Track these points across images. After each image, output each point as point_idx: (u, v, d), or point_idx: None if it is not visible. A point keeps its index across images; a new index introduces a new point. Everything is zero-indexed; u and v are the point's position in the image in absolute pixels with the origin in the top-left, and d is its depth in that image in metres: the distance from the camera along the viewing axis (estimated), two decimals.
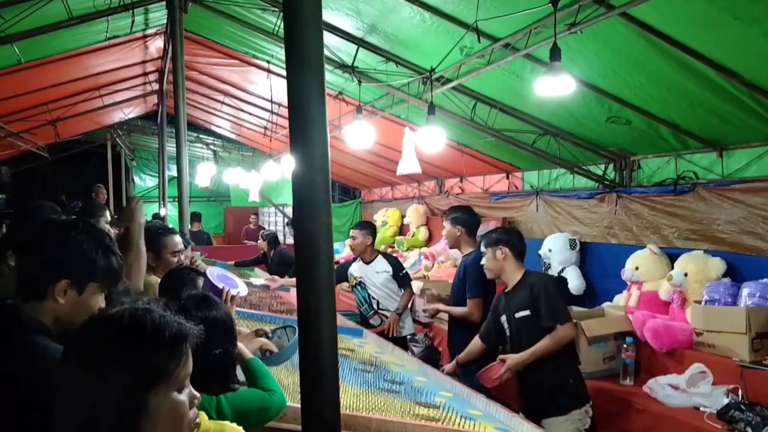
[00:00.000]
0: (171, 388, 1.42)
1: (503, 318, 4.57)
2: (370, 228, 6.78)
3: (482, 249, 4.70)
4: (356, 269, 6.69)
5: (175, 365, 1.43)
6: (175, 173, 15.23)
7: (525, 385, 4.43)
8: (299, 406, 2.45)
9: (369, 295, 6.58)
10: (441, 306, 5.93)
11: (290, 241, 12.61)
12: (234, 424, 1.98)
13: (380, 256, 6.67)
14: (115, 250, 2.16)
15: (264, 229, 14.77)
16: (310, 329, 1.61)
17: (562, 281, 6.95)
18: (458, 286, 5.54)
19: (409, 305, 6.66)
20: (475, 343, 4.85)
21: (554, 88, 4.61)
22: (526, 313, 4.37)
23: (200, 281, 3.22)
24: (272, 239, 10.09)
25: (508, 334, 4.55)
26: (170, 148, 10.05)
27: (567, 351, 4.38)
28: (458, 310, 5.47)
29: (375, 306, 6.55)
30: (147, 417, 1.38)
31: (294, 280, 6.75)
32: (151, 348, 1.41)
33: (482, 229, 9.13)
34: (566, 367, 4.39)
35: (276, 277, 6.85)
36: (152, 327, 1.43)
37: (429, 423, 2.83)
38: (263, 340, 3.10)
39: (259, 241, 10.42)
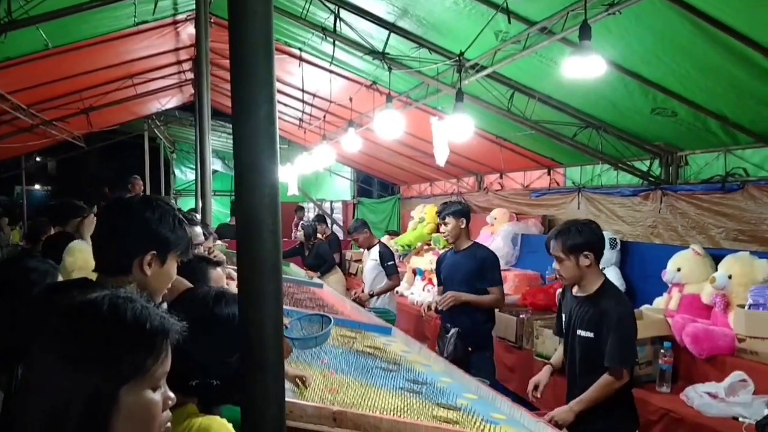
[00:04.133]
0: (145, 384, 1.35)
1: (564, 317, 4.03)
2: (359, 223, 8.27)
3: (558, 253, 3.80)
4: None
5: (153, 361, 1.36)
6: (216, 167, 15.24)
7: (575, 394, 3.82)
8: (305, 402, 2.44)
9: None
10: (464, 295, 5.28)
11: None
12: (224, 420, 1.85)
13: (378, 246, 7.86)
14: (183, 220, 2.33)
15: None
16: (252, 313, 1.37)
17: None
18: (470, 275, 5.36)
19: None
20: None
21: (583, 69, 4.35)
22: (590, 335, 3.77)
23: (212, 272, 3.14)
24: (309, 231, 10.18)
25: (564, 333, 4.03)
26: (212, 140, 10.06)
27: None
28: (486, 299, 5.32)
29: (367, 290, 7.71)
30: (117, 412, 1.30)
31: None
32: (129, 340, 1.34)
33: (521, 227, 8.91)
34: (624, 386, 3.77)
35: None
36: (132, 318, 1.36)
37: (444, 425, 2.67)
38: None
39: (298, 233, 10.51)
